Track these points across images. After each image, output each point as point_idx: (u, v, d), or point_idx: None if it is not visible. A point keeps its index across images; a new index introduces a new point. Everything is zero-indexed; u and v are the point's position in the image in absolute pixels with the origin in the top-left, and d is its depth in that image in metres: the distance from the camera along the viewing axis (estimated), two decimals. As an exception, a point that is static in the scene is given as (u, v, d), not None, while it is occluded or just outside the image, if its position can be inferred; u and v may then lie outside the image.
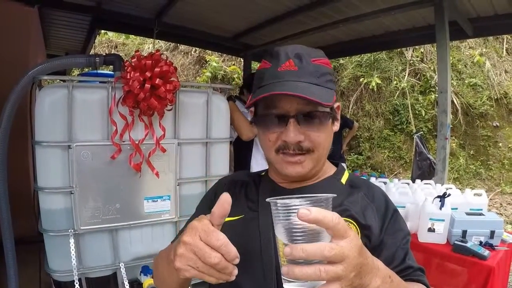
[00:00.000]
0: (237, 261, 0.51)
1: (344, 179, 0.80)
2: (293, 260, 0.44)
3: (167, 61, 1.51)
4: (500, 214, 5.12)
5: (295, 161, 0.70)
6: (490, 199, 5.66)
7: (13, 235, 1.52)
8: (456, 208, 2.14)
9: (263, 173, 0.86)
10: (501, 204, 5.53)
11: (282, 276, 0.48)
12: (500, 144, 6.39)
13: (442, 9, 2.97)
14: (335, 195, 0.50)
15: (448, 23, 3.03)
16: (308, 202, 0.46)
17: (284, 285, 0.47)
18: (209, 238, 0.50)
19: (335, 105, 0.75)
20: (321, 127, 0.71)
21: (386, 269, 0.55)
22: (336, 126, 0.77)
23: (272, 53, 0.73)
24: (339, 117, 0.78)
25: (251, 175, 0.88)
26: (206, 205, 0.85)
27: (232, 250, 0.50)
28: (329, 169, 0.81)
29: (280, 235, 0.49)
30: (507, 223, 4.86)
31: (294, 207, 0.46)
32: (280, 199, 0.49)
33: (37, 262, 1.69)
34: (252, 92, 0.74)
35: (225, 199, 0.54)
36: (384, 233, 0.71)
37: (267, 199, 0.51)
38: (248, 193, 0.81)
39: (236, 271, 0.52)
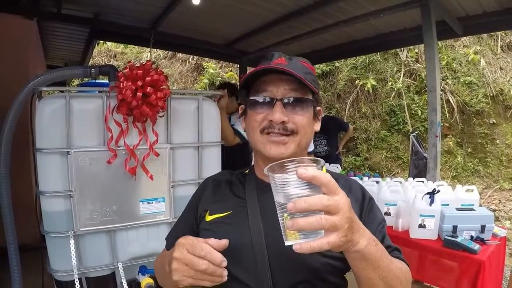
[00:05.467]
0: (224, 264, 0.61)
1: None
2: (295, 214, 0.51)
3: (158, 70, 1.58)
4: (499, 210, 5.13)
5: (279, 140, 0.76)
6: (489, 196, 5.66)
7: (16, 240, 1.56)
8: (448, 204, 2.14)
9: (246, 171, 0.92)
10: (499, 200, 5.53)
11: (284, 236, 0.54)
12: (497, 141, 6.38)
13: (428, 9, 3.02)
14: (323, 160, 0.59)
15: (436, 23, 3.08)
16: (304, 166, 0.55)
17: (286, 243, 0.54)
18: (194, 249, 0.62)
19: (317, 108, 0.83)
20: (304, 113, 0.78)
21: (371, 234, 0.61)
22: (317, 126, 0.85)
23: (266, 56, 0.82)
24: (320, 119, 0.86)
25: (235, 174, 0.94)
26: (192, 207, 0.93)
27: (217, 256, 0.61)
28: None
29: (281, 200, 0.56)
30: (506, 219, 4.88)
31: (291, 181, 0.53)
32: (277, 164, 0.57)
33: (39, 267, 1.72)
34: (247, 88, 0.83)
35: (225, 243, 0.64)
36: (362, 220, 0.77)
37: (265, 171, 0.57)
38: (235, 191, 0.87)
39: (226, 273, 0.62)
